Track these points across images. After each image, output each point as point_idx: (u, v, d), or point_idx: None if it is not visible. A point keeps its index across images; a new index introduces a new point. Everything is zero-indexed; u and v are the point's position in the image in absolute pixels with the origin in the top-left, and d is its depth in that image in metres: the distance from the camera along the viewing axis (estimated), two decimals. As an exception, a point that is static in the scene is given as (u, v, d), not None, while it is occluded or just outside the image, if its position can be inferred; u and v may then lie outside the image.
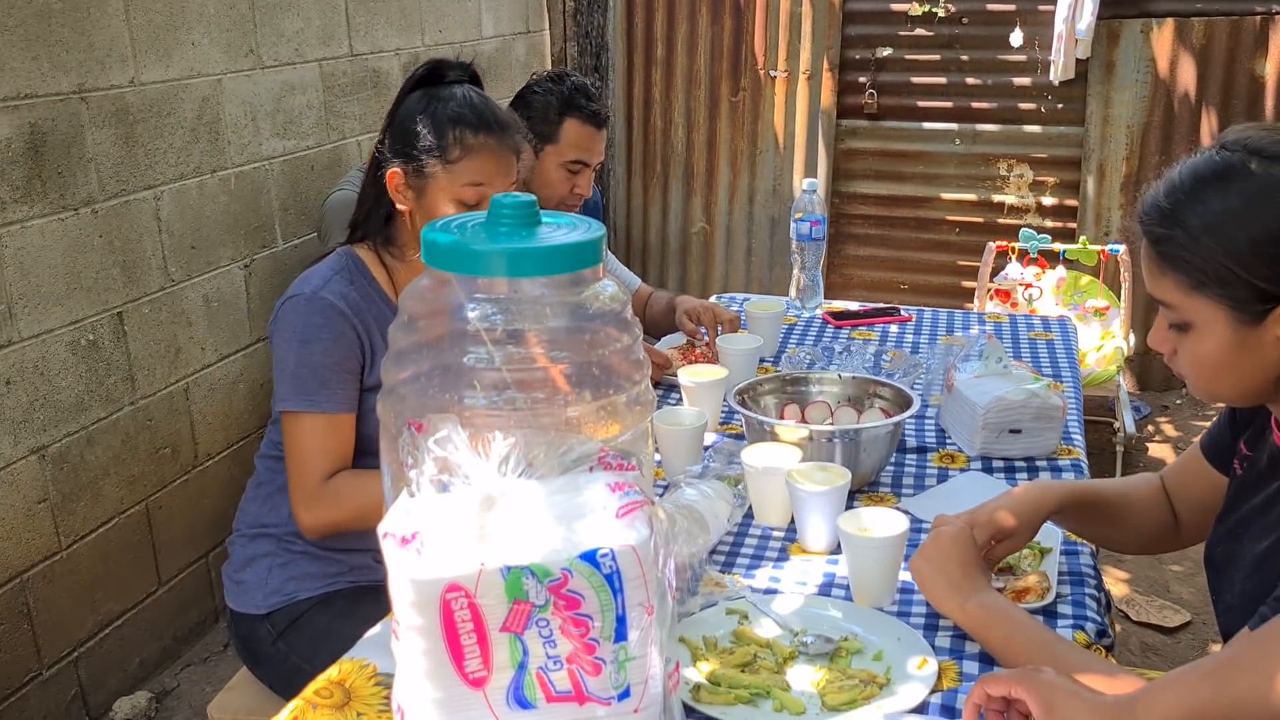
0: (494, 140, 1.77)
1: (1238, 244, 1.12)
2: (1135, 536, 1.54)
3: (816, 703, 1.19)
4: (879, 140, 4.70)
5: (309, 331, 1.73)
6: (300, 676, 1.74)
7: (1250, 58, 4.20)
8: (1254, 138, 1.16)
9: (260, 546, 1.85)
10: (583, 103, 2.51)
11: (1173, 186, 1.19)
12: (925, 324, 2.59)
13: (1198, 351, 1.20)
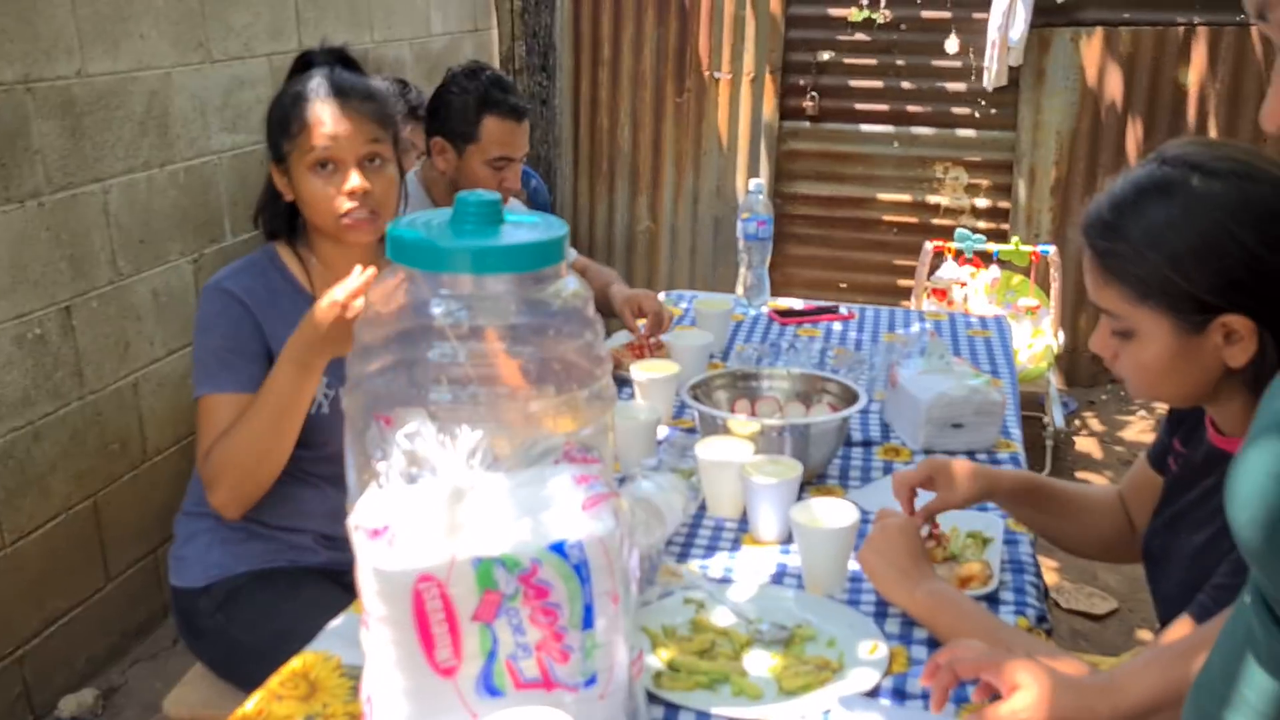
0: (330, 104, 1.75)
1: (1179, 255, 1.19)
2: (1091, 540, 1.60)
3: (773, 687, 1.24)
4: (820, 142, 4.79)
5: (207, 320, 1.76)
6: (240, 650, 1.77)
7: (1174, 67, 4.35)
8: (1193, 153, 1.22)
9: (202, 523, 1.85)
10: (500, 98, 2.52)
11: (1115, 200, 1.25)
12: (867, 322, 2.67)
13: (1140, 358, 1.26)
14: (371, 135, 1.77)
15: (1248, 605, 0.78)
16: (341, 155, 1.75)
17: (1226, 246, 1.18)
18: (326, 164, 1.75)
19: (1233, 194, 1.19)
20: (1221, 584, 1.14)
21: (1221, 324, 1.20)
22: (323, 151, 1.74)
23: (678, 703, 1.22)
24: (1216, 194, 1.19)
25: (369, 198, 1.76)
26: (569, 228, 1.33)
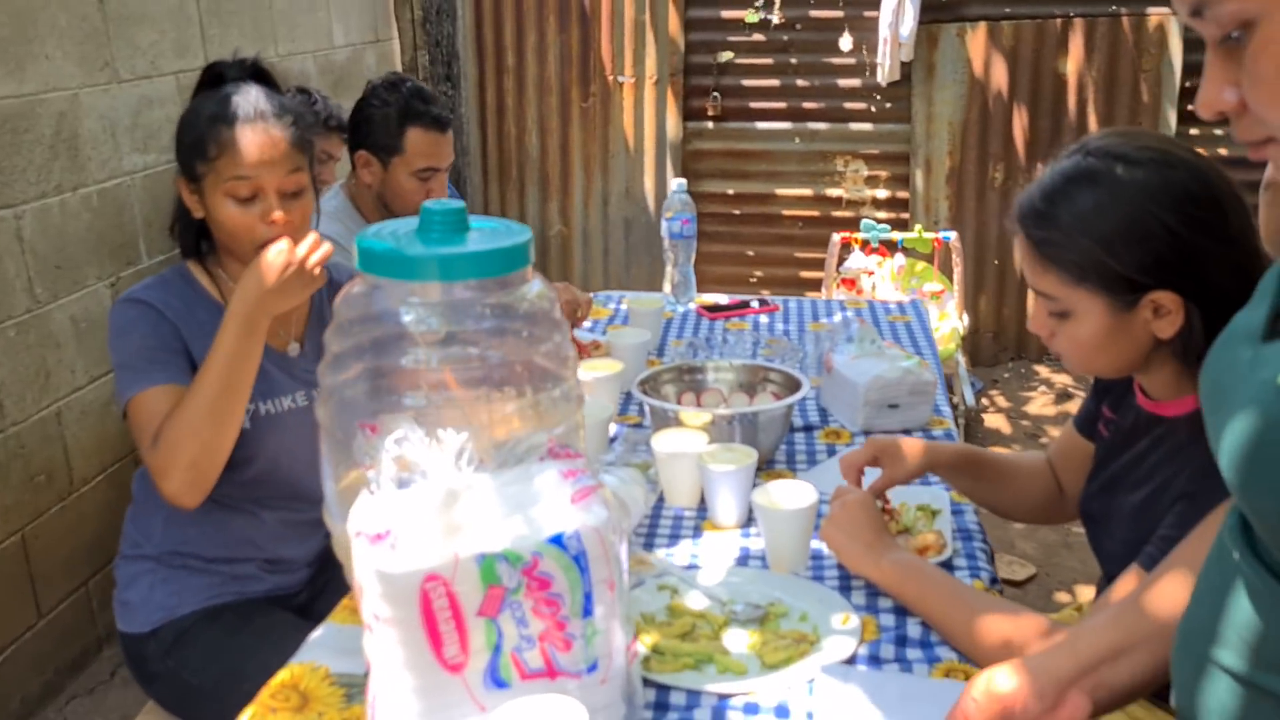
0: (252, 132, 1.70)
1: (1109, 239, 1.29)
2: (1026, 505, 1.70)
3: (756, 663, 1.30)
4: (723, 141, 4.89)
5: (125, 326, 1.72)
6: (191, 693, 1.75)
7: (1054, 58, 4.56)
8: (1114, 144, 1.32)
9: (140, 566, 1.81)
10: (422, 109, 2.52)
11: (1046, 190, 1.35)
12: (792, 313, 2.76)
13: (1076, 335, 1.36)
14: (293, 164, 1.73)
15: (1229, 548, 0.87)
16: (262, 185, 1.70)
17: (1152, 229, 1.28)
18: (248, 193, 1.70)
19: (1154, 180, 1.29)
20: (1167, 535, 1.24)
21: (1150, 300, 1.30)
22: (243, 182, 1.69)
23: (669, 684, 1.27)
24: (1139, 181, 1.29)
25: (288, 226, 1.72)
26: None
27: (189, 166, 1.74)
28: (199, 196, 1.75)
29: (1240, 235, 1.31)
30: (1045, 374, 4.74)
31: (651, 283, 4.89)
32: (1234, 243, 1.30)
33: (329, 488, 1.38)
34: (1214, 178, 1.31)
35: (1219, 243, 1.29)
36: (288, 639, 1.67)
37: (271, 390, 1.78)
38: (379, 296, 1.32)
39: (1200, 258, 1.28)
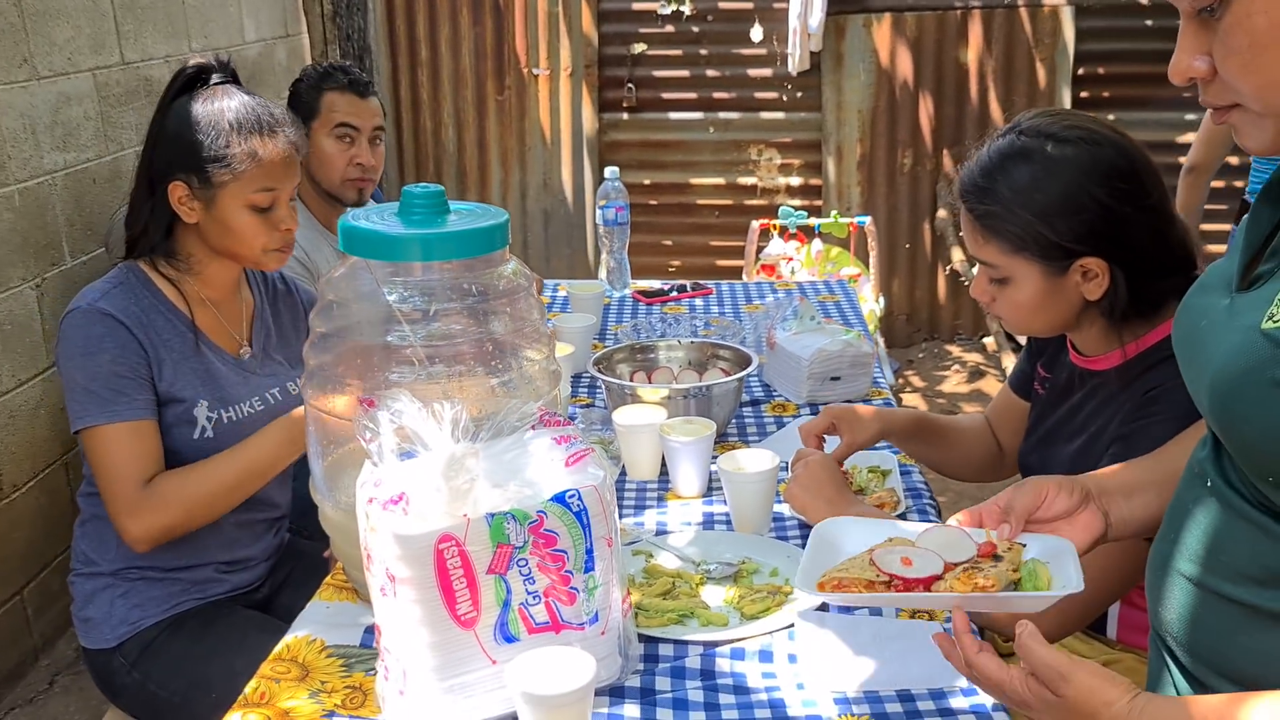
0: (277, 143, 1.76)
1: (1045, 211, 1.40)
2: (968, 464, 1.81)
3: (736, 615, 1.38)
4: (639, 132, 4.97)
5: (91, 344, 1.68)
6: (159, 703, 1.76)
7: (955, 46, 4.75)
8: (1043, 124, 1.44)
9: (97, 582, 1.80)
10: (339, 75, 2.58)
11: (985, 167, 1.46)
12: (725, 296, 2.84)
13: (1015, 299, 1.47)
14: (298, 169, 1.81)
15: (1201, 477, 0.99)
16: (280, 195, 1.76)
17: (1083, 201, 1.40)
18: (269, 203, 1.75)
19: (1083, 156, 1.41)
20: (1115, 452, 1.36)
21: (1080, 265, 1.42)
22: (269, 193, 1.74)
23: (657, 637, 1.33)
24: (1069, 157, 1.41)
25: (289, 234, 1.80)
26: (506, 213, 1.41)
27: (200, 170, 1.72)
28: (202, 202, 1.74)
29: (1159, 204, 1.43)
30: (957, 353, 4.93)
31: (572, 274, 4.94)
32: (1153, 211, 1.42)
33: (316, 465, 1.42)
34: (1134, 152, 1.43)
35: (1141, 211, 1.41)
36: (250, 639, 1.70)
37: (230, 397, 1.79)
38: (363, 277, 1.36)
39: (1124, 226, 1.40)
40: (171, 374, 1.73)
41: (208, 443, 1.75)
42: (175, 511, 1.68)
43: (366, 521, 1.15)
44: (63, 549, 2.92)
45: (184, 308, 1.78)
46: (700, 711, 1.20)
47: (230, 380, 1.80)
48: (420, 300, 1.36)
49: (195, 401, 1.74)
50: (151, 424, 1.71)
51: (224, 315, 1.84)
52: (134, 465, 1.68)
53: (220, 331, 1.83)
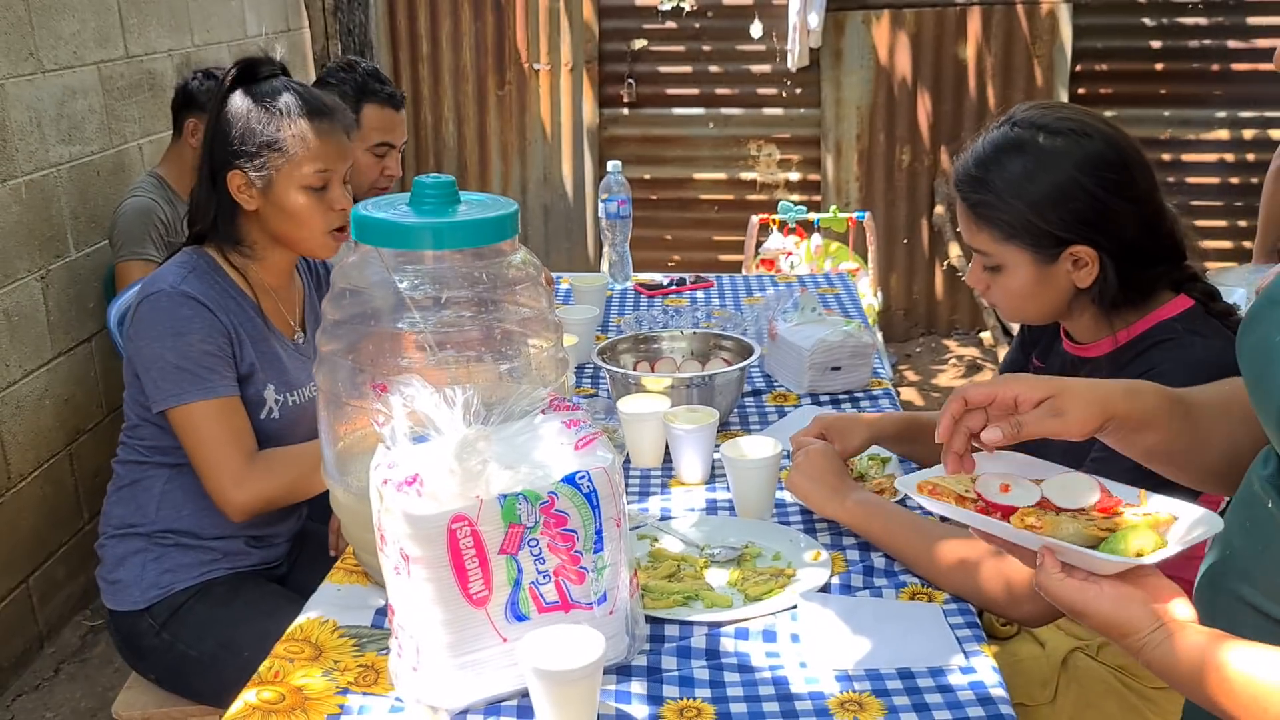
0: (327, 125, 1.81)
1: (1037, 201, 1.43)
2: None
3: (739, 596, 1.41)
4: (639, 127, 4.99)
5: (180, 324, 1.73)
6: (187, 663, 1.79)
7: (954, 43, 4.78)
8: (1036, 116, 1.47)
9: (130, 545, 1.84)
10: (377, 87, 2.61)
11: (979, 158, 1.49)
12: (726, 289, 2.87)
13: (1009, 286, 1.50)
14: (350, 155, 1.86)
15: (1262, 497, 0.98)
16: (333, 176, 1.81)
17: (1073, 192, 1.43)
18: (323, 185, 1.79)
19: (1073, 148, 1.44)
20: (1098, 457, 1.38)
21: (1070, 254, 1.45)
22: (322, 174, 1.79)
23: (663, 618, 1.36)
24: (1060, 149, 1.44)
25: (346, 213, 1.82)
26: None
27: (256, 157, 1.77)
28: (260, 189, 1.78)
29: (1147, 194, 1.46)
30: (954, 348, 4.96)
31: (571, 268, 4.96)
32: (1141, 201, 1.45)
33: (328, 450, 1.44)
34: (1124, 144, 1.47)
35: (1129, 202, 1.44)
36: (278, 608, 1.73)
37: (293, 381, 1.85)
38: (375, 266, 1.39)
39: (1113, 216, 1.43)
40: (249, 354, 1.79)
41: (273, 424, 1.82)
42: (280, 482, 1.76)
43: (381, 503, 1.17)
44: (68, 537, 2.95)
45: (250, 293, 1.84)
46: (706, 689, 1.23)
47: (291, 365, 1.86)
48: (431, 288, 1.38)
49: (265, 384, 1.80)
50: (240, 401, 1.77)
51: (282, 302, 1.90)
52: (239, 439, 1.75)
53: (279, 317, 1.88)
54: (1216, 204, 4.84)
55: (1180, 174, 4.83)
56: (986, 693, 1.21)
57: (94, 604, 2.95)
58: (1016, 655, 1.60)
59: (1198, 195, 4.83)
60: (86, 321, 3.00)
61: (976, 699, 1.20)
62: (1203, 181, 4.82)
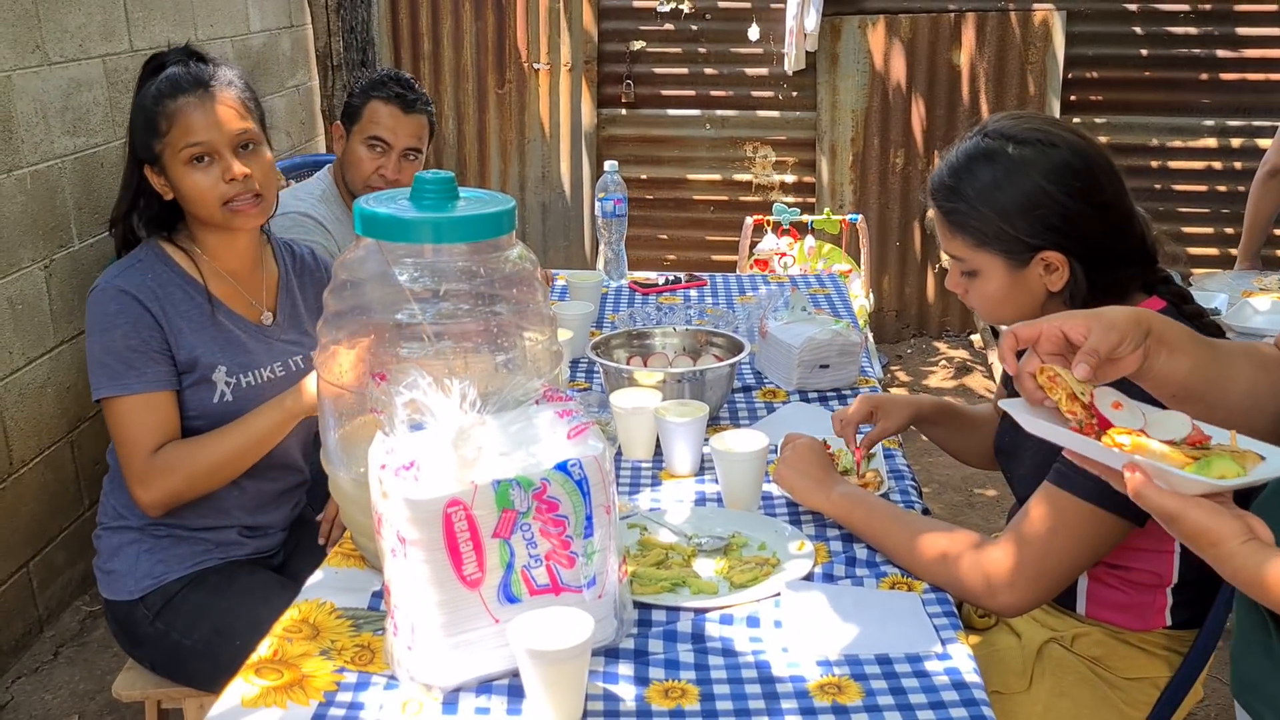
0: (192, 98, 1.78)
1: (1006, 209, 1.49)
2: (984, 451, 1.87)
3: (725, 584, 1.45)
4: (636, 127, 5.04)
5: (106, 320, 1.77)
6: (181, 651, 1.83)
7: (948, 50, 4.83)
8: (1006, 126, 1.52)
9: (124, 536, 1.88)
10: (391, 86, 2.63)
11: (952, 167, 1.54)
12: (719, 288, 2.92)
13: (984, 291, 1.55)
14: (238, 121, 1.81)
15: None
16: (215, 145, 1.78)
17: (1041, 199, 1.48)
18: (203, 157, 1.78)
19: (1040, 158, 1.49)
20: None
21: (1041, 258, 1.50)
22: (197, 145, 1.77)
23: (650, 603, 1.41)
24: (1028, 158, 1.49)
25: (249, 181, 1.79)
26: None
27: (148, 149, 1.80)
28: (163, 177, 1.81)
29: (1114, 200, 1.51)
30: (944, 349, 5.01)
31: (568, 265, 5.01)
32: (1109, 207, 1.50)
33: (330, 437, 1.49)
34: (1090, 151, 1.52)
35: (1095, 207, 1.49)
36: (272, 595, 1.77)
37: (250, 362, 1.85)
38: (375, 258, 1.43)
39: (1080, 221, 1.49)
40: (191, 341, 1.80)
41: (228, 406, 1.83)
42: (179, 479, 1.78)
43: (380, 487, 1.22)
44: (68, 523, 2.99)
45: (199, 278, 1.85)
46: (691, 671, 1.28)
47: (249, 346, 1.87)
48: (430, 280, 1.42)
49: (213, 366, 1.81)
50: (164, 396, 1.78)
51: (243, 284, 1.90)
52: (144, 435, 1.77)
53: (239, 299, 1.88)
54: (1204, 211, 4.90)
55: (1168, 181, 4.89)
56: (961, 679, 1.26)
57: (93, 590, 2.99)
58: (993, 645, 1.65)
59: (1185, 202, 4.89)
60: (88, 311, 3.04)
61: (952, 684, 1.25)
62: (1190, 188, 4.88)
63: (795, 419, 2.01)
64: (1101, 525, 1.38)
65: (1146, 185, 4.87)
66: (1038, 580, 1.38)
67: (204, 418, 1.81)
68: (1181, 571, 1.52)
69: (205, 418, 1.81)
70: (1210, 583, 1.54)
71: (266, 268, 1.95)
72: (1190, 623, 1.55)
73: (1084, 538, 1.38)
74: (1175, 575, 1.53)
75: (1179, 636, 1.56)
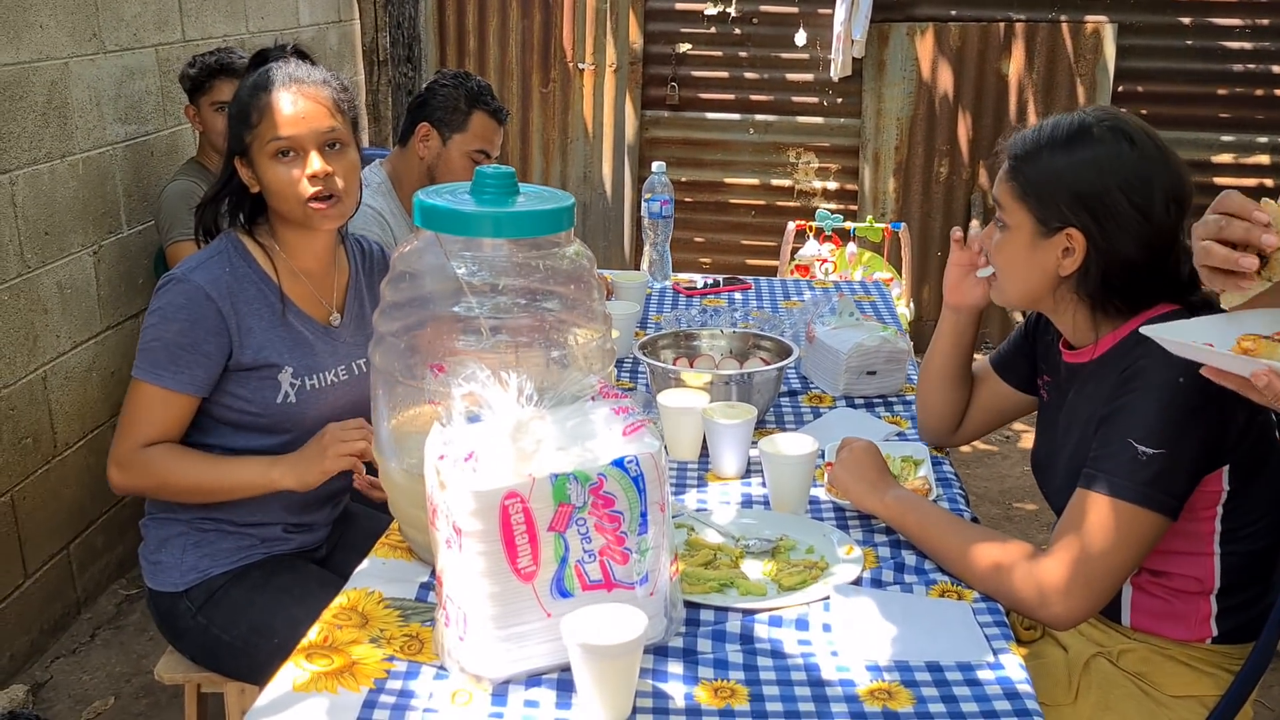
0: (287, 94, 1.79)
1: (1058, 169, 1.48)
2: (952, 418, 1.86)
3: (774, 587, 1.44)
4: (680, 130, 5.04)
5: (170, 310, 1.77)
6: (221, 646, 1.84)
7: (997, 59, 4.79)
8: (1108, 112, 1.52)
9: (172, 528, 1.88)
10: (489, 100, 2.72)
11: (1039, 124, 1.54)
12: (764, 291, 2.91)
13: (1009, 248, 1.55)
14: (328, 119, 1.80)
15: None
16: (301, 141, 1.77)
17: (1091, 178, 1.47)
18: (288, 151, 1.77)
19: (1113, 143, 1.47)
20: (1096, 455, 1.43)
21: (1066, 235, 1.49)
22: (283, 139, 1.77)
23: (699, 602, 1.40)
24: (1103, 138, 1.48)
25: (330, 180, 1.79)
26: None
27: (239, 140, 1.81)
28: (251, 169, 1.81)
29: (1162, 217, 1.47)
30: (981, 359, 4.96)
31: (607, 266, 5.00)
32: (1152, 219, 1.46)
33: (383, 427, 1.49)
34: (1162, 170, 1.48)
35: (1139, 211, 1.46)
36: (311, 591, 1.78)
37: (316, 365, 1.85)
38: (434, 251, 1.43)
39: (1117, 216, 1.46)
40: (260, 340, 1.79)
41: (290, 407, 1.82)
42: (152, 482, 1.82)
43: (437, 477, 1.22)
44: (108, 507, 3.02)
45: (274, 276, 1.84)
46: (740, 672, 1.27)
47: (316, 348, 1.86)
48: (487, 274, 1.43)
49: (281, 367, 1.80)
50: (184, 399, 1.78)
51: (316, 284, 1.89)
52: (145, 427, 1.78)
53: (310, 299, 1.87)
54: None
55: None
56: (1014, 689, 1.24)
57: (130, 573, 3.02)
58: (1040, 657, 1.63)
59: (1235, 220, 4.82)
60: (135, 297, 3.07)
61: (1004, 694, 1.23)
62: (1241, 206, 4.81)
63: (842, 425, 2.00)
64: (1135, 521, 1.38)
65: (1196, 202, 4.80)
66: (1087, 587, 1.37)
67: (267, 415, 1.82)
68: (1223, 575, 1.51)
69: (268, 415, 1.82)
70: (1256, 590, 1.53)
71: (339, 266, 1.94)
72: (1236, 635, 1.53)
73: (1122, 536, 1.38)
74: (1217, 580, 1.52)
75: (1226, 652, 1.54)
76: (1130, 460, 1.39)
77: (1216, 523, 1.49)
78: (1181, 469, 1.40)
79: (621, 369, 2.29)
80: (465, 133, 2.66)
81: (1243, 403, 1.41)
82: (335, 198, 1.81)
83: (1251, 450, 1.45)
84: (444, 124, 2.67)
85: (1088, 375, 1.56)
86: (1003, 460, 3.90)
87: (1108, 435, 1.42)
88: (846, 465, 1.62)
